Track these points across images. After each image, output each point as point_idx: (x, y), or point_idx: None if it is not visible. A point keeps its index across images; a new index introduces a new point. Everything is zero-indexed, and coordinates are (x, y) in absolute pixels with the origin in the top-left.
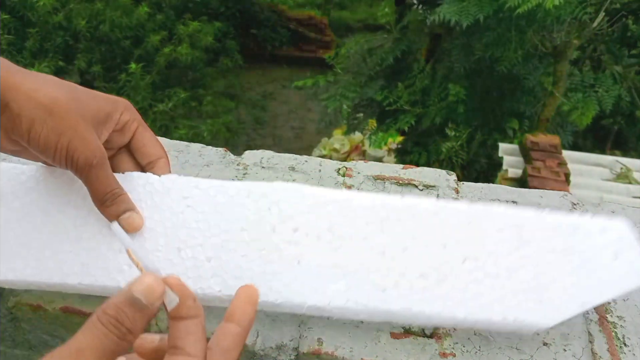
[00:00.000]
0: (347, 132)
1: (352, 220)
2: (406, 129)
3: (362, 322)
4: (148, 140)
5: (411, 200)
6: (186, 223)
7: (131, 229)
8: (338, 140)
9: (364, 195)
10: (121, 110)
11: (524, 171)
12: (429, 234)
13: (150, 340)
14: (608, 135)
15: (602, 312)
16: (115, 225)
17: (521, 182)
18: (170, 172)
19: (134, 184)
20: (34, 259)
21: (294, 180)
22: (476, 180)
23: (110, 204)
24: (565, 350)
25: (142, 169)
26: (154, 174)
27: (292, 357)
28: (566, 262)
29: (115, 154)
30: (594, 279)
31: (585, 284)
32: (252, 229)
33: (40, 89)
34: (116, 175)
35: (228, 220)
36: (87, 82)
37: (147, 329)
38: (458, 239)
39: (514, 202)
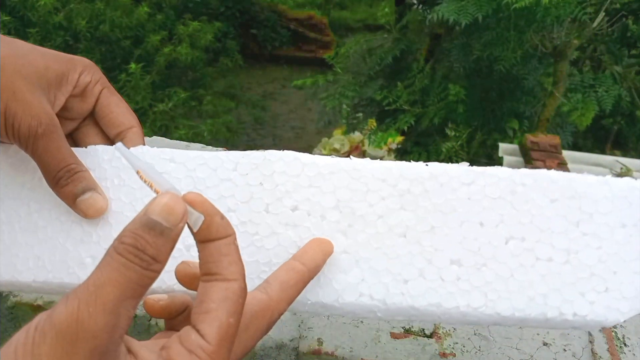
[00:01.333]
0: (346, 132)
1: (364, 195)
2: (405, 128)
3: (362, 321)
4: (115, 106)
5: (438, 168)
6: None
7: (93, 213)
8: (338, 140)
9: (378, 163)
10: (79, 70)
11: None
12: (461, 210)
13: (158, 298)
14: (608, 135)
15: None
16: (119, 144)
17: None
18: (144, 144)
19: (98, 160)
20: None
21: None
22: None
23: (66, 183)
24: (565, 350)
25: (111, 141)
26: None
27: (292, 357)
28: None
29: (80, 125)
30: None
31: None
32: (240, 210)
33: None
34: (76, 149)
35: (211, 200)
36: None
37: (146, 331)
38: (499, 214)
39: None
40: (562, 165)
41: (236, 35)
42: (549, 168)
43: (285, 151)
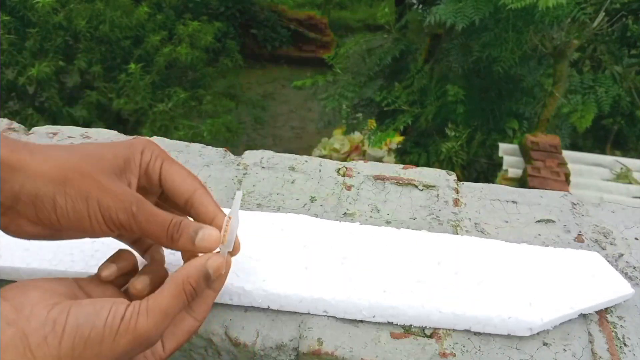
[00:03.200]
0: (346, 132)
1: (358, 240)
2: (401, 127)
3: (362, 321)
4: (176, 174)
5: (409, 232)
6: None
7: (212, 246)
8: (338, 140)
9: (367, 227)
10: (140, 150)
11: (524, 171)
12: (424, 254)
13: (109, 273)
14: (608, 135)
15: (602, 312)
16: (239, 192)
17: (521, 182)
18: (212, 197)
19: None
20: (49, 252)
21: (294, 181)
22: (476, 180)
23: (179, 236)
24: (565, 350)
25: (182, 209)
26: (197, 212)
27: (292, 357)
28: (552, 276)
29: (157, 202)
30: (577, 288)
31: (570, 292)
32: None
33: (48, 159)
34: None
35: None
36: (87, 82)
37: None
38: (452, 258)
39: (513, 202)
40: (562, 165)
41: (236, 35)
42: (549, 168)
43: (302, 215)
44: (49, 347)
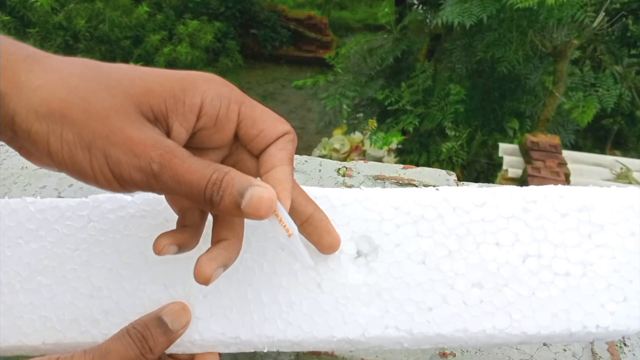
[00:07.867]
0: (347, 132)
1: (379, 224)
2: (411, 129)
3: None
4: (259, 121)
5: (449, 192)
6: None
7: (265, 212)
8: (338, 140)
9: (389, 191)
10: (201, 90)
11: (524, 171)
12: (476, 231)
13: None
14: (608, 135)
15: None
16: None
17: (521, 182)
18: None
19: (101, 210)
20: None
21: None
22: (476, 180)
23: (219, 199)
24: (565, 350)
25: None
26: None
27: (292, 357)
28: (627, 240)
29: (231, 151)
30: None
31: None
32: (253, 250)
33: (47, 84)
34: (55, 200)
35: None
36: None
37: None
38: (514, 233)
39: None
40: (562, 165)
41: (236, 35)
42: (549, 168)
43: None
44: None
